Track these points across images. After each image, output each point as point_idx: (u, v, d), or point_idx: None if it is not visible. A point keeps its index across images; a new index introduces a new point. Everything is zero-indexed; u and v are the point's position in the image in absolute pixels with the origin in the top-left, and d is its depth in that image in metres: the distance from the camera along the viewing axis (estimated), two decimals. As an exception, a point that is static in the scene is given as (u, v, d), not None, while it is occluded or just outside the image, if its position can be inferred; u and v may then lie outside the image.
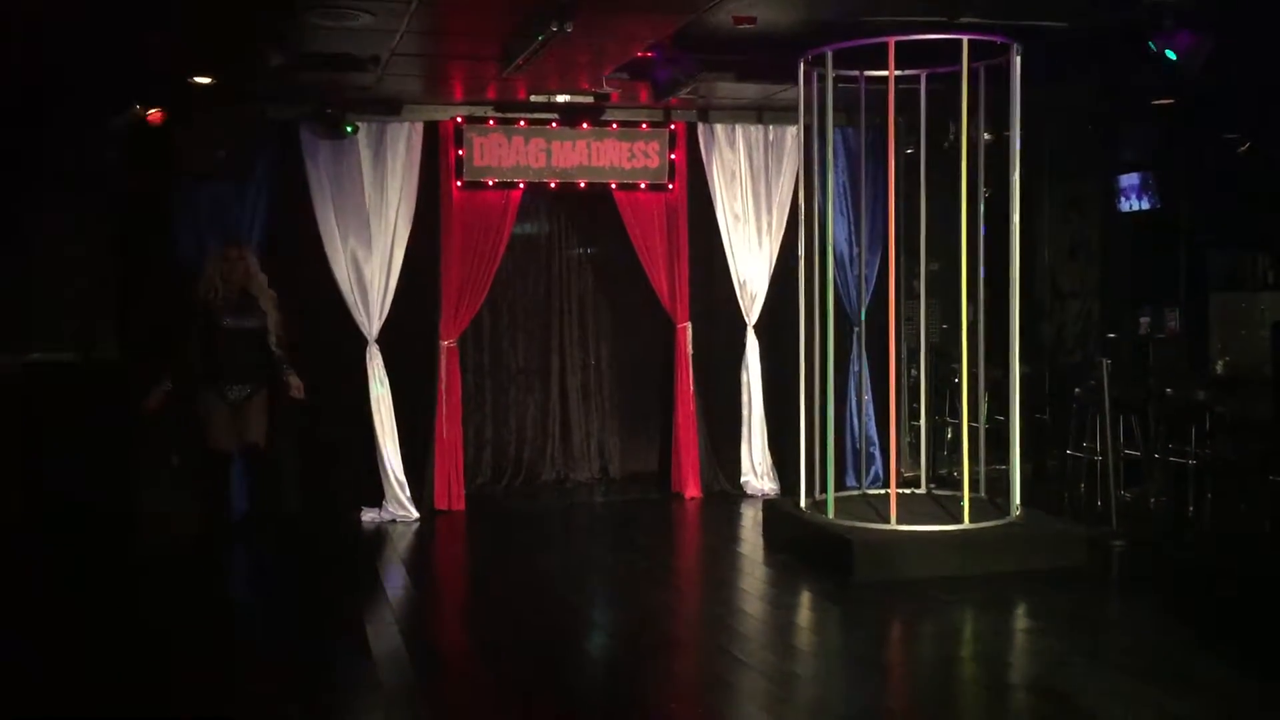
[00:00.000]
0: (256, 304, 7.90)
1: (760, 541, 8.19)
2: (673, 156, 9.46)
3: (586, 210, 9.90)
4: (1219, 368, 9.27)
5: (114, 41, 6.97)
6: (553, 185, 9.40)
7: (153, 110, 7.89)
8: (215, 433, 7.85)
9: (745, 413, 9.73)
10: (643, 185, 9.45)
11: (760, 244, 9.63)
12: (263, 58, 7.01)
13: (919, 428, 8.68)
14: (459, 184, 9.10)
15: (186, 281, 8.17)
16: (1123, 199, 10.65)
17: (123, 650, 6.03)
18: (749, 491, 9.67)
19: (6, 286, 8.42)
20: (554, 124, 9.23)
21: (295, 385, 7.93)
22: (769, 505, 8.57)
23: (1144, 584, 7.18)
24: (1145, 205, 10.43)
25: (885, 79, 7.32)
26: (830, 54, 7.37)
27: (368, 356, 8.89)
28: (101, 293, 8.61)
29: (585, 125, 9.28)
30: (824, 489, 7.74)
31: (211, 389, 7.81)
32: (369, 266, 8.87)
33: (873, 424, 9.65)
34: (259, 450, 8.00)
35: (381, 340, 8.93)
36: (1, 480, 7.95)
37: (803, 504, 7.87)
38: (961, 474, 7.53)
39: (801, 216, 7.99)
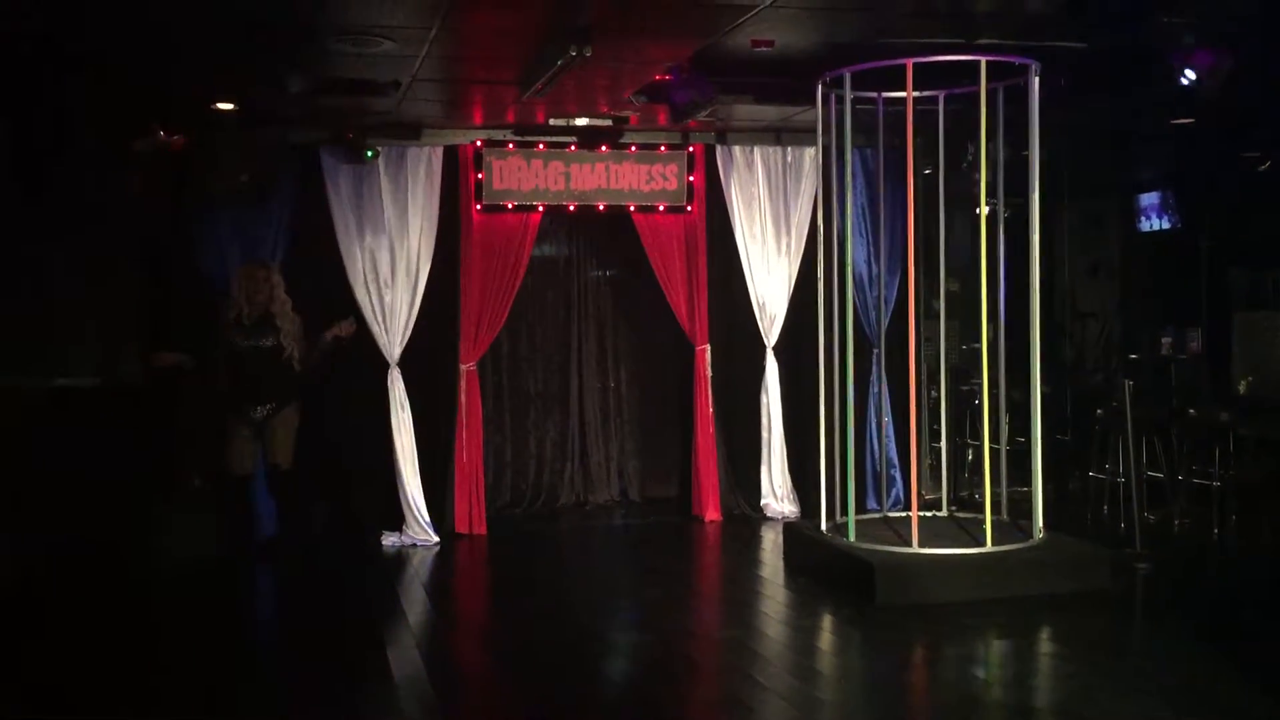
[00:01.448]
0: (272, 322, 7.97)
1: (780, 564, 8.15)
2: (691, 179, 9.47)
3: (605, 233, 9.92)
4: (1242, 388, 9.20)
5: (137, 67, 7.04)
6: (571, 208, 9.41)
7: (175, 136, 7.95)
8: (232, 456, 8.03)
9: (765, 435, 9.70)
10: (661, 207, 9.46)
11: (779, 265, 9.62)
12: (284, 83, 7.08)
13: (940, 449, 8.65)
14: (478, 207, 9.12)
15: (210, 306, 8.26)
16: (1143, 218, 10.62)
17: (142, 670, 6.03)
18: (769, 514, 9.62)
19: (30, 311, 8.47)
20: (573, 147, 9.26)
21: (340, 326, 7.94)
22: (789, 528, 8.54)
23: (1169, 607, 7.12)
24: (1165, 224, 10.40)
25: (903, 100, 7.32)
26: (848, 76, 7.38)
27: (389, 380, 8.90)
28: (125, 318, 8.66)
29: (604, 148, 9.30)
30: (845, 511, 7.71)
31: (234, 411, 7.95)
32: (390, 290, 8.89)
33: (893, 446, 9.61)
34: (280, 472, 8.07)
35: (403, 364, 8.95)
36: (22, 504, 7.97)
37: (823, 527, 7.84)
38: (983, 496, 7.49)
39: (820, 238, 7.99)
